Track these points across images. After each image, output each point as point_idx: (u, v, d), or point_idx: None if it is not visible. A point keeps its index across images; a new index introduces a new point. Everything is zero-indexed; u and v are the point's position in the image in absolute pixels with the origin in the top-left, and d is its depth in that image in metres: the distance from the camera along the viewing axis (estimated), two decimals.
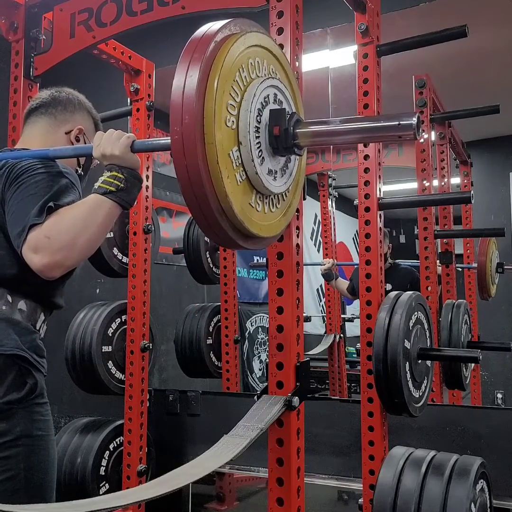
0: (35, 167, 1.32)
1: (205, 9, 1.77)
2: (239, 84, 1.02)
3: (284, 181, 1.13)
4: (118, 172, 1.28)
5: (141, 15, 1.91)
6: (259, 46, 1.11)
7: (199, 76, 0.94)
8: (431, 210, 2.78)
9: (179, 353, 3.24)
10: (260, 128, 1.05)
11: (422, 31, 1.99)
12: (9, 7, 2.15)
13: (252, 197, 1.07)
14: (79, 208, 1.26)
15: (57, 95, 1.60)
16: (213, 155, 0.95)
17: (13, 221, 1.28)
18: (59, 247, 1.20)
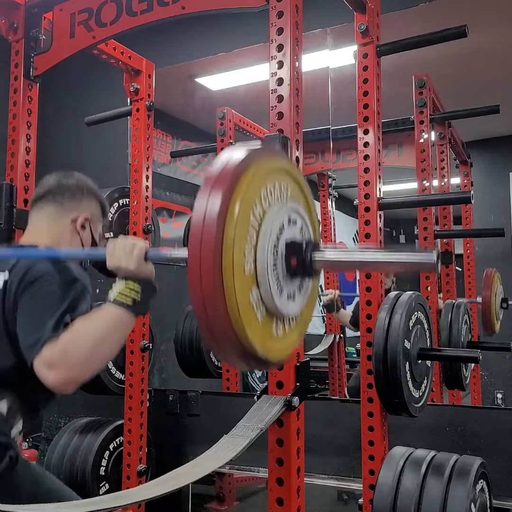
0: (50, 273, 1.31)
1: (205, 9, 1.77)
2: (253, 226, 0.97)
3: (302, 298, 1.10)
4: (134, 283, 1.28)
5: (141, 15, 1.91)
6: (273, 171, 1.05)
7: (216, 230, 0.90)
8: (431, 210, 2.78)
9: (179, 353, 3.24)
10: (277, 260, 1.01)
11: (422, 31, 1.99)
12: (9, 7, 2.15)
13: (273, 327, 1.04)
14: (96, 323, 1.24)
15: (65, 182, 1.58)
16: (234, 308, 0.92)
17: (26, 329, 1.26)
18: (75, 364, 1.18)
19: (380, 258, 1.04)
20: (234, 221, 0.92)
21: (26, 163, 2.14)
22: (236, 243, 0.91)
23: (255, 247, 0.97)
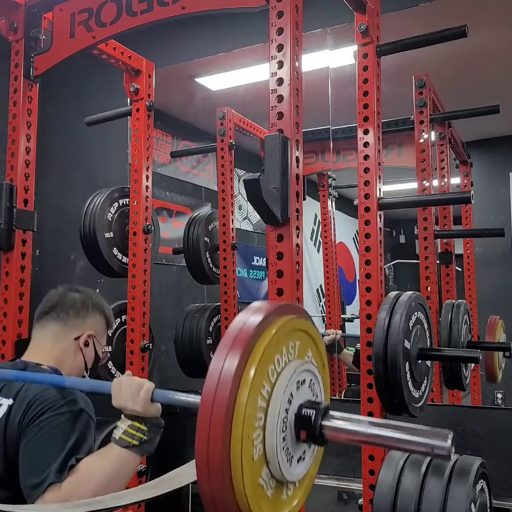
0: (57, 405, 1.29)
1: (205, 9, 1.77)
2: (262, 406, 0.92)
3: (311, 453, 1.07)
4: (141, 423, 1.25)
5: (141, 15, 1.91)
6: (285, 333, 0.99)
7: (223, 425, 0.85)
8: (431, 210, 2.78)
9: (179, 353, 3.23)
10: (286, 433, 0.96)
11: (422, 31, 1.99)
12: (9, 7, 2.15)
13: (283, 493, 1.00)
14: (101, 466, 1.22)
15: (70, 298, 1.57)
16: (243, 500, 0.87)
17: (30, 466, 1.23)
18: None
19: (393, 436, 0.97)
20: (243, 413, 0.86)
21: (26, 163, 2.14)
22: (245, 432, 0.87)
23: (263, 429, 0.92)
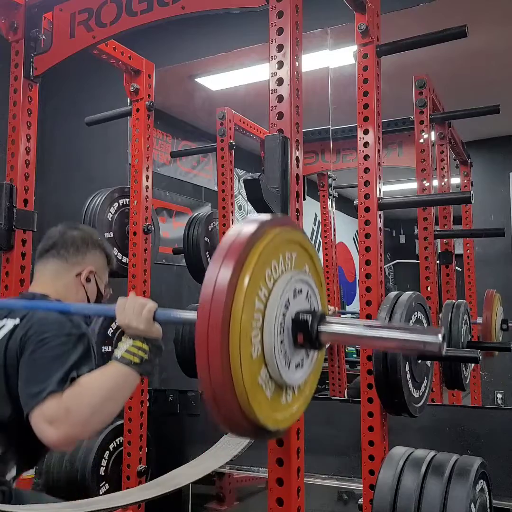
0: (62, 326, 1.31)
1: (205, 9, 1.77)
2: (260, 309, 0.96)
3: (309, 362, 1.11)
4: (142, 342, 1.27)
5: (141, 15, 1.91)
6: (281, 243, 1.04)
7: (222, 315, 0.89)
8: (431, 210, 2.78)
9: (179, 353, 3.23)
10: (284, 337, 1.00)
11: (422, 31, 1.98)
12: (9, 7, 2.15)
13: (282, 397, 1.04)
14: (102, 381, 1.23)
15: (70, 235, 1.58)
16: (243, 396, 0.92)
17: (29, 376, 1.24)
18: (77, 422, 1.15)
19: (386, 336, 1.03)
20: (240, 310, 0.90)
21: (26, 163, 2.14)
22: (243, 329, 0.90)
23: (261, 330, 0.96)
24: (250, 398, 0.92)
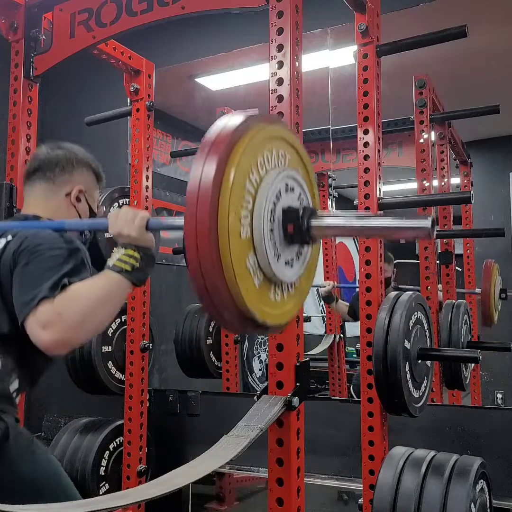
0: (55, 240, 1.32)
1: (205, 9, 1.77)
2: (250, 191, 0.98)
3: (301, 263, 1.11)
4: (134, 251, 1.28)
5: (141, 15, 1.91)
6: (273, 137, 1.06)
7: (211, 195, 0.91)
8: (431, 210, 2.78)
9: (179, 353, 3.24)
10: (274, 226, 1.01)
11: (422, 31, 1.99)
12: (9, 7, 2.15)
13: (271, 292, 1.05)
14: (94, 286, 1.24)
15: (54, 156, 1.56)
16: (229, 271, 0.92)
17: (22, 286, 1.25)
18: (69, 326, 1.16)
19: (376, 224, 1.05)
20: (230, 186, 0.92)
21: (26, 163, 2.14)
22: (231, 207, 0.92)
23: (251, 213, 0.98)
24: (237, 278, 0.93)
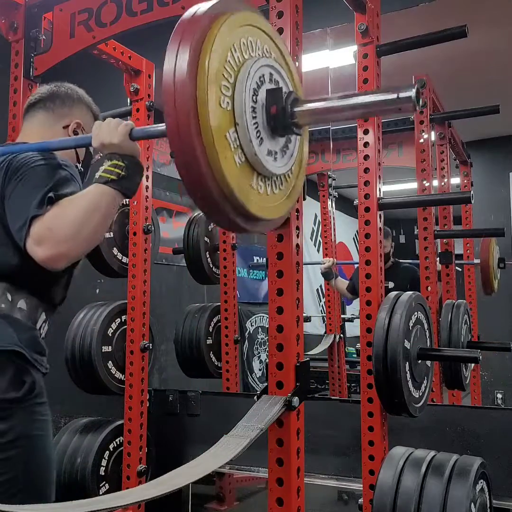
0: (34, 159, 1.32)
1: None
2: (231, 64, 1.00)
3: (285, 161, 1.12)
4: (118, 160, 1.28)
5: (141, 15, 1.91)
6: (250, 25, 1.08)
7: (189, 58, 0.92)
8: (431, 210, 2.78)
9: (179, 353, 3.24)
10: (257, 108, 1.03)
11: (422, 31, 1.99)
12: (9, 7, 2.15)
13: (253, 179, 1.05)
14: (81, 199, 1.25)
15: (56, 90, 1.61)
16: (208, 137, 0.93)
17: (14, 214, 1.27)
18: (62, 239, 1.19)
19: (359, 101, 1.04)
20: (209, 54, 0.93)
21: None
22: (210, 75, 0.93)
23: (233, 86, 0.98)
24: (215, 142, 0.93)
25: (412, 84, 0.95)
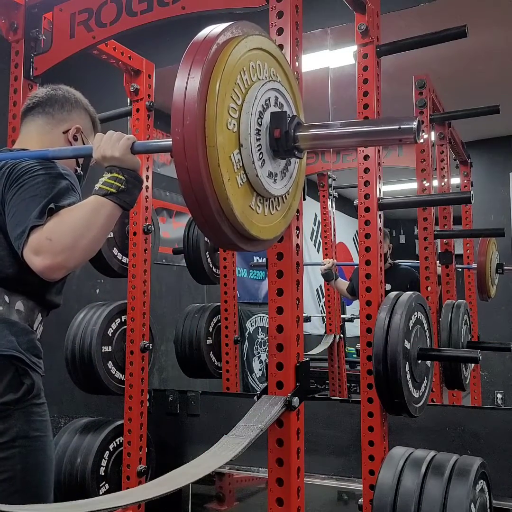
0: (35, 168, 1.32)
1: (205, 9, 1.77)
2: (240, 87, 1.02)
3: (284, 183, 1.14)
4: (118, 173, 1.28)
5: (141, 15, 1.91)
6: (260, 49, 1.10)
7: (201, 78, 0.94)
8: (431, 210, 2.78)
9: (179, 353, 3.24)
10: (261, 131, 1.05)
11: (422, 31, 1.99)
12: (9, 7, 2.15)
13: (252, 200, 1.07)
14: (81, 210, 1.25)
15: (54, 94, 1.59)
16: (214, 158, 0.95)
17: (13, 222, 1.27)
18: (60, 249, 1.19)
19: (361, 129, 1.06)
20: (220, 76, 0.96)
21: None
22: (220, 97, 0.95)
23: (240, 109, 1.01)
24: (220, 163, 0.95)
25: (414, 117, 0.96)
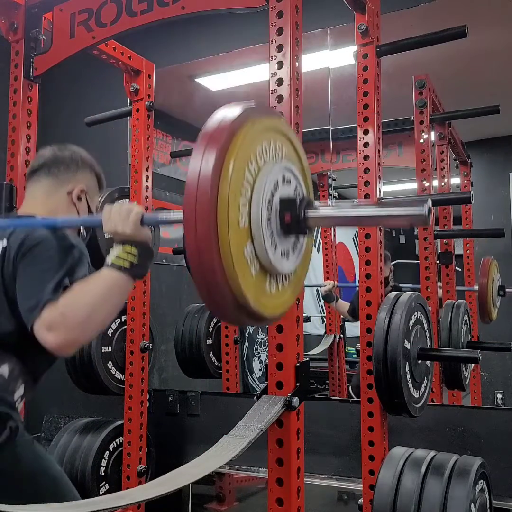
0: (48, 239, 1.32)
1: (205, 9, 1.77)
2: (248, 179, 0.99)
3: (296, 255, 1.12)
4: (131, 247, 1.30)
5: (141, 15, 1.91)
6: (267, 129, 1.08)
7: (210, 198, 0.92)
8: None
9: (179, 353, 3.24)
10: (271, 215, 1.02)
11: (422, 31, 1.99)
12: (9, 7, 2.15)
13: (266, 282, 1.05)
14: (94, 285, 1.25)
15: (60, 155, 1.59)
16: (228, 260, 0.93)
17: (25, 293, 1.27)
18: (74, 326, 1.18)
19: (371, 213, 1.06)
20: (229, 178, 0.93)
21: (26, 163, 2.14)
22: (231, 197, 0.93)
23: (249, 201, 0.99)
24: (235, 264, 0.94)
25: (425, 199, 0.95)
